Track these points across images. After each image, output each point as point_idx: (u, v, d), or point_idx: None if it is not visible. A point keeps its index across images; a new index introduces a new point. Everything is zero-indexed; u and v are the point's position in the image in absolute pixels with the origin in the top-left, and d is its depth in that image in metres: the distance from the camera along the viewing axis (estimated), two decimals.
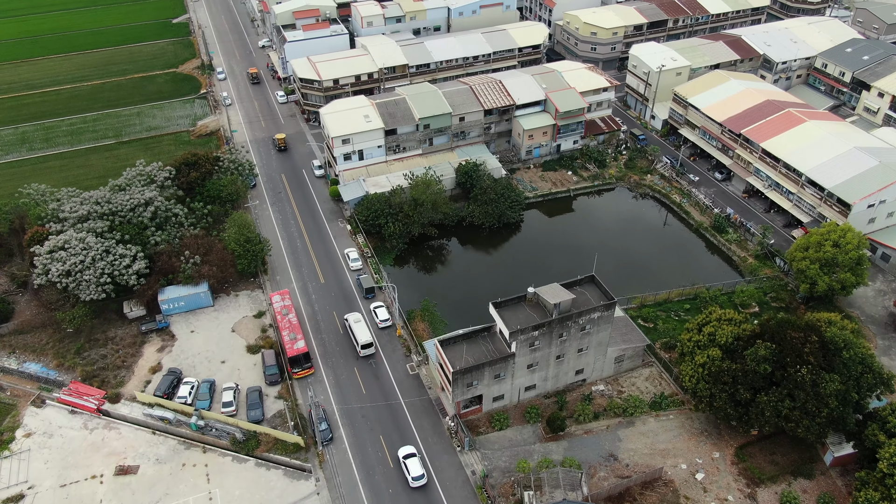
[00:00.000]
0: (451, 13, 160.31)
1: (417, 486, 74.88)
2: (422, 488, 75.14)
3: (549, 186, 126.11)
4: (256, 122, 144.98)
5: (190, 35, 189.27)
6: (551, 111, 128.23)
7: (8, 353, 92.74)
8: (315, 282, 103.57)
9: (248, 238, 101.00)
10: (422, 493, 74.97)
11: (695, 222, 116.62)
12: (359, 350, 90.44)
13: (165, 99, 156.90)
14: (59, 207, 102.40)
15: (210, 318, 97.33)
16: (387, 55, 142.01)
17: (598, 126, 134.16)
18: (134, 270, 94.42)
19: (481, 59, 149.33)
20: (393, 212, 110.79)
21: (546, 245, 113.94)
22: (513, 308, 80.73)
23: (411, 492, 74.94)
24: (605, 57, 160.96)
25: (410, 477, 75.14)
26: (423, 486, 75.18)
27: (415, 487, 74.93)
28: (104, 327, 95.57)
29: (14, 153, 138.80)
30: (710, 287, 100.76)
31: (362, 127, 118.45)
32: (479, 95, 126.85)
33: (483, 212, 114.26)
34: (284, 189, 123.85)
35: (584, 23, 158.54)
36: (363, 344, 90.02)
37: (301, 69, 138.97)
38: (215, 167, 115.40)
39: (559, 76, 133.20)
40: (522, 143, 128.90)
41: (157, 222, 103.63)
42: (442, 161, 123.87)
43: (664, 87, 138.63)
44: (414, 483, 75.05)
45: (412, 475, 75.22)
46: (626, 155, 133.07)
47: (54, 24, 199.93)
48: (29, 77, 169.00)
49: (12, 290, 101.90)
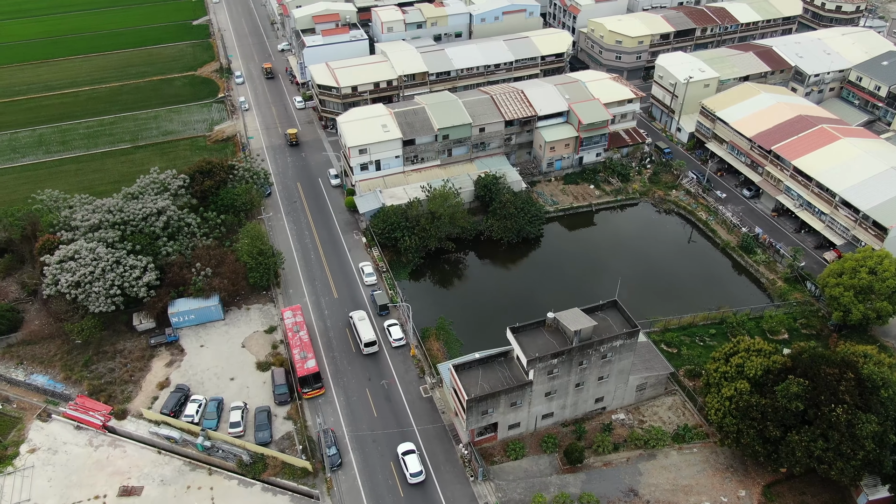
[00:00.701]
0: (473, 19, 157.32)
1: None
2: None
3: (570, 200, 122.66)
4: (273, 129, 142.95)
5: (209, 37, 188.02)
6: (574, 123, 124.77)
7: (16, 364, 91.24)
8: (328, 296, 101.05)
9: (260, 250, 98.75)
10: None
11: (721, 241, 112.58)
12: (362, 348, 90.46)
13: (183, 102, 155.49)
14: (72, 215, 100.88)
15: (220, 333, 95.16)
16: (406, 62, 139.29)
17: (622, 138, 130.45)
18: (144, 282, 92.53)
19: (503, 67, 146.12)
20: (409, 225, 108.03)
21: (566, 261, 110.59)
22: (531, 333, 77.53)
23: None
24: (629, 66, 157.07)
25: (409, 473, 75.42)
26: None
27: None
28: (113, 339, 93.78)
29: (30, 156, 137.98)
30: (738, 311, 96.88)
31: (380, 137, 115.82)
32: (500, 105, 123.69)
33: (502, 226, 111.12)
34: (300, 198, 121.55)
35: (608, 31, 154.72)
36: (366, 342, 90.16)
37: (319, 75, 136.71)
38: (230, 175, 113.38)
39: (583, 86, 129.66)
40: (544, 156, 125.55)
41: (170, 232, 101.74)
42: (461, 172, 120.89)
43: (691, 98, 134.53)
44: (412, 480, 75.07)
45: (411, 471, 75.56)
46: (651, 169, 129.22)
47: (76, 25, 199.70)
48: (49, 78, 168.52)
49: (22, 299, 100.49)
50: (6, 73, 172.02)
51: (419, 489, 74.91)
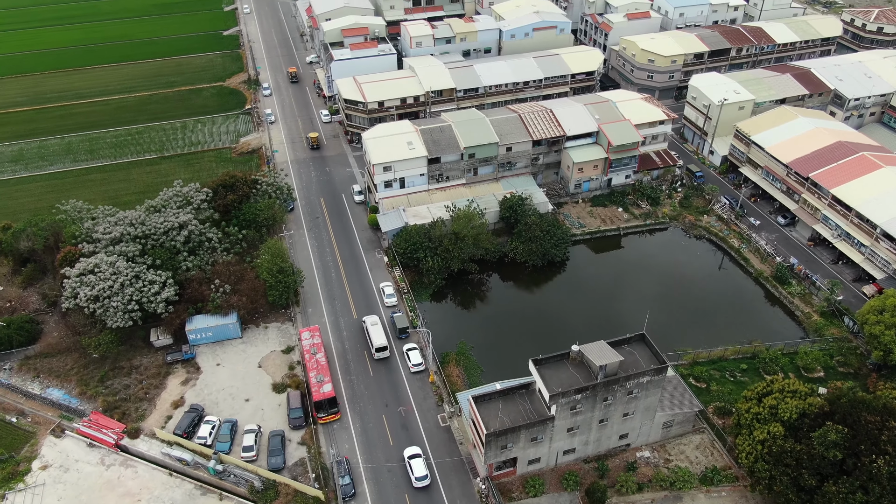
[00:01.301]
0: (503, 35, 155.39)
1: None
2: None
3: (597, 223, 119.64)
4: (299, 142, 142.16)
5: (239, 48, 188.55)
6: (603, 144, 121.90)
7: (32, 377, 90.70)
8: (347, 317, 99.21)
9: (280, 268, 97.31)
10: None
11: (754, 270, 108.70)
12: (373, 353, 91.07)
13: (210, 113, 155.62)
14: (94, 227, 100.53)
15: (237, 351, 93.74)
16: (434, 78, 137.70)
17: (652, 160, 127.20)
18: (162, 298, 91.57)
19: (532, 84, 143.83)
20: (432, 245, 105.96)
21: (592, 287, 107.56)
22: (554, 366, 74.76)
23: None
24: (662, 85, 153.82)
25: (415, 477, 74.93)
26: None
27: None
28: (130, 354, 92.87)
29: (58, 164, 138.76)
30: (771, 346, 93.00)
31: (405, 154, 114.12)
32: (528, 125, 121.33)
33: (527, 249, 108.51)
34: (322, 214, 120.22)
35: (641, 49, 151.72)
36: (378, 347, 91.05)
37: (346, 90, 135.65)
38: (253, 190, 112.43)
39: (613, 107, 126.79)
40: (571, 177, 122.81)
41: (190, 247, 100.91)
42: (486, 192, 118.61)
43: (725, 121, 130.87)
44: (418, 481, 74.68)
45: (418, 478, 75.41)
46: (682, 193, 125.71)
47: (111, 33, 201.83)
48: (80, 86, 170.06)
49: (42, 310, 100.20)
50: (41, 79, 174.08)
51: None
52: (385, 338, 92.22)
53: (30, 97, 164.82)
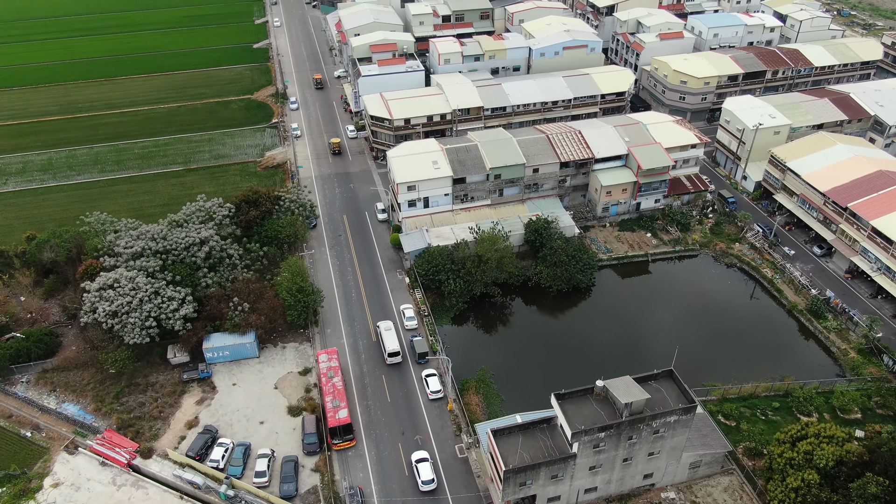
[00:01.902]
0: (532, 54, 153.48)
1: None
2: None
3: (625, 248, 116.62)
4: (324, 158, 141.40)
5: (268, 61, 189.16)
6: (633, 167, 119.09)
7: (49, 391, 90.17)
8: (366, 339, 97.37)
9: (300, 287, 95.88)
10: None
11: (788, 303, 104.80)
12: (386, 358, 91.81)
13: (237, 126, 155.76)
14: (116, 240, 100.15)
15: (254, 371, 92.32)
16: (461, 96, 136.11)
17: (683, 185, 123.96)
18: (181, 315, 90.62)
19: (561, 104, 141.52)
20: (455, 268, 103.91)
21: (618, 314, 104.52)
22: (578, 401, 71.98)
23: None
24: (694, 107, 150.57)
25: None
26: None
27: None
28: (146, 371, 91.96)
29: (86, 174, 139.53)
30: (805, 384, 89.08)
31: (430, 174, 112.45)
32: (556, 146, 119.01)
33: (551, 274, 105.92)
34: (345, 232, 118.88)
35: (673, 70, 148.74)
36: (390, 352, 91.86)
37: (373, 106, 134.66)
38: (276, 206, 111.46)
39: (644, 129, 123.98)
40: (599, 200, 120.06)
41: (211, 263, 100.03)
42: (511, 214, 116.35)
43: (760, 146, 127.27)
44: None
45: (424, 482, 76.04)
46: (713, 219, 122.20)
47: (141, 44, 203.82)
48: (111, 96, 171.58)
49: (62, 322, 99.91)
50: (73, 89, 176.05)
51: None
52: (398, 343, 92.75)
53: (61, 106, 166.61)
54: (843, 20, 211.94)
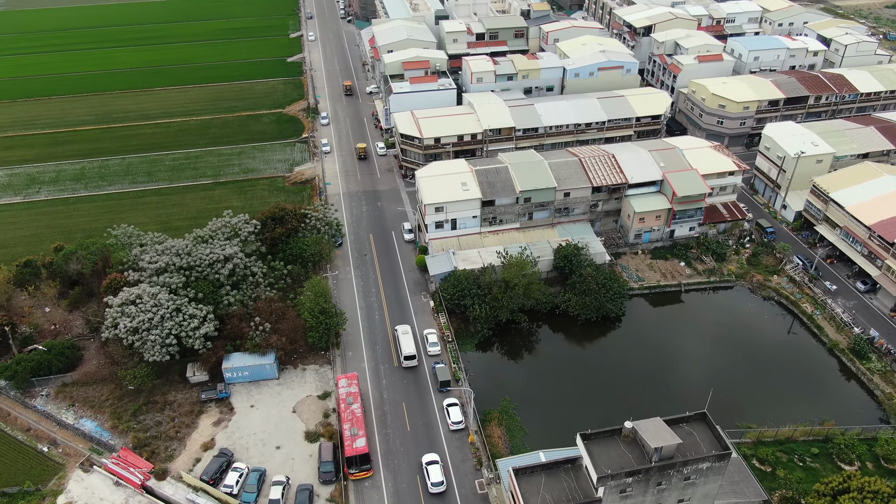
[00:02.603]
0: (567, 74, 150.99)
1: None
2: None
3: (657, 277, 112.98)
4: (352, 175, 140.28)
5: (301, 75, 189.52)
6: (668, 193, 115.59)
7: (68, 406, 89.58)
8: (388, 364, 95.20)
9: (323, 308, 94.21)
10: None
11: (828, 341, 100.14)
12: (402, 361, 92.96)
13: (267, 140, 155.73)
14: (141, 254, 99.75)
15: (273, 393, 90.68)
16: (493, 116, 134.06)
17: (719, 213, 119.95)
18: (201, 333, 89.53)
19: (594, 126, 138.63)
20: (481, 293, 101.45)
21: (649, 347, 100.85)
22: (604, 443, 68.61)
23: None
24: (732, 132, 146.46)
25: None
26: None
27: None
28: (165, 389, 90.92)
29: (117, 184, 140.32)
30: (846, 430, 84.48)
31: (458, 196, 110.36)
32: (589, 170, 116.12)
33: (580, 302, 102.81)
34: (370, 252, 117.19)
35: (712, 94, 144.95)
36: (406, 355, 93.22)
37: (403, 124, 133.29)
38: (301, 224, 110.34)
39: (680, 154, 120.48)
40: (631, 226, 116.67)
41: (234, 280, 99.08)
42: (540, 238, 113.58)
43: (801, 174, 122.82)
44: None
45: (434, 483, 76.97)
46: (750, 249, 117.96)
47: (178, 56, 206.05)
48: (146, 107, 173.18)
49: (85, 335, 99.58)
50: (109, 99, 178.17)
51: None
52: (414, 347, 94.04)
53: (97, 116, 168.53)
54: (889, 44, 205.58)
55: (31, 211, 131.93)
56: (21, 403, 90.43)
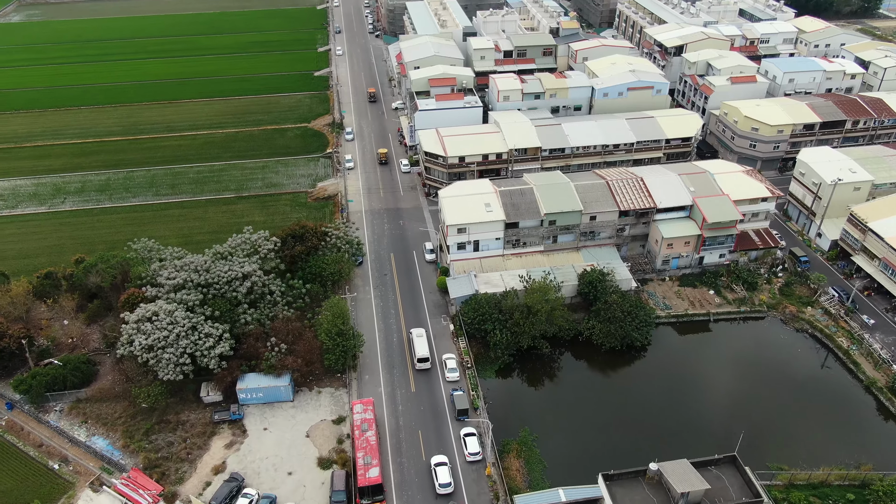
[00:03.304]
0: (595, 93, 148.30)
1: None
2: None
3: (685, 306, 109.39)
4: (375, 192, 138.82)
5: (328, 90, 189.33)
6: (697, 219, 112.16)
7: (80, 422, 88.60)
8: (405, 389, 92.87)
9: (340, 330, 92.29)
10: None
11: (866, 378, 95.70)
12: (415, 363, 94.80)
13: (291, 155, 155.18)
14: (160, 269, 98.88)
15: (286, 416, 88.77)
16: (519, 135, 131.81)
17: (751, 240, 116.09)
18: (216, 353, 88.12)
19: (622, 147, 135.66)
20: (502, 318, 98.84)
21: (675, 379, 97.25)
22: (628, 484, 65.75)
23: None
24: (765, 156, 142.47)
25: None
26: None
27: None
28: (178, 408, 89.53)
29: (141, 196, 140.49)
30: (885, 475, 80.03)
31: (481, 217, 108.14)
32: (616, 193, 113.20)
33: (605, 330, 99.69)
34: (391, 271, 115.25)
35: (744, 116, 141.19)
36: (419, 357, 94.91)
37: (427, 142, 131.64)
38: (322, 242, 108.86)
39: (711, 179, 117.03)
40: (659, 252, 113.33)
41: (252, 298, 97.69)
42: (565, 262, 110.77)
43: (838, 202, 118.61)
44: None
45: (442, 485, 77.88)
46: (783, 278, 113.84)
47: (206, 68, 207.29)
48: (172, 119, 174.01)
49: (101, 350, 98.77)
50: (136, 110, 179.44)
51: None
52: (427, 350, 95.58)
53: (124, 127, 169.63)
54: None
55: (56, 221, 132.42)
56: (35, 418, 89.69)
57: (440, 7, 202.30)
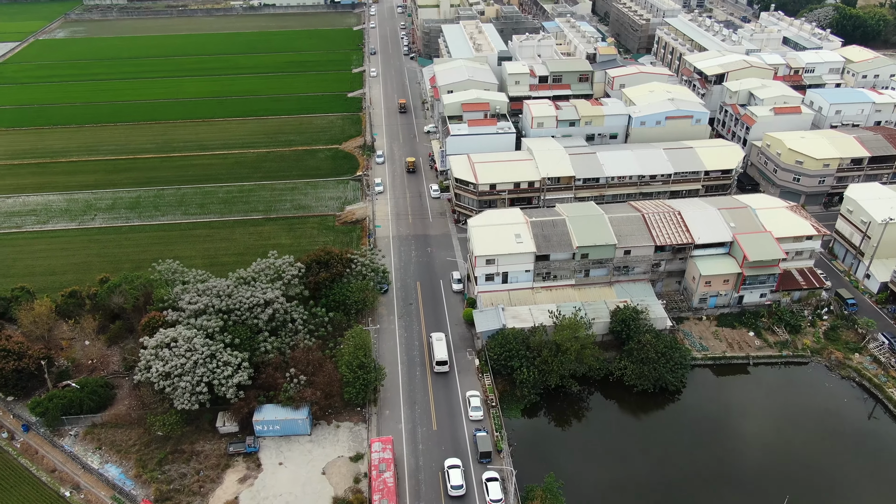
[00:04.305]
0: (632, 122, 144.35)
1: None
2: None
3: (723, 347, 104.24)
4: (404, 217, 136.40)
5: (360, 111, 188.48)
6: (738, 256, 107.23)
7: (94, 448, 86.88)
8: (426, 426, 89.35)
9: (361, 363, 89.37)
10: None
11: None
12: (434, 366, 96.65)
13: (321, 177, 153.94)
14: (182, 293, 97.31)
15: (303, 451, 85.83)
16: (552, 164, 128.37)
17: (794, 280, 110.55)
18: (234, 382, 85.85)
19: (659, 178, 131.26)
20: (530, 355, 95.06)
21: (711, 427, 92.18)
22: None
23: None
24: (809, 190, 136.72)
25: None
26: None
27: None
28: (193, 437, 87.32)
29: (170, 215, 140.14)
30: None
31: (511, 248, 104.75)
32: (652, 227, 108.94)
33: (637, 371, 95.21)
34: (416, 301, 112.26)
35: (788, 149, 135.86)
36: (438, 360, 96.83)
37: (458, 168, 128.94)
38: (347, 269, 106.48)
39: (752, 214, 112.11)
40: (696, 289, 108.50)
41: (273, 326, 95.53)
42: (596, 297, 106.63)
43: (888, 242, 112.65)
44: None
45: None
46: (828, 322, 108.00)
47: (241, 87, 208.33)
48: (205, 138, 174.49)
49: (120, 373, 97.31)
50: (170, 128, 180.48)
51: None
52: (446, 353, 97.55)
53: (157, 145, 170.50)
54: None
55: (85, 238, 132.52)
56: (50, 441, 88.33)
57: (475, 30, 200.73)
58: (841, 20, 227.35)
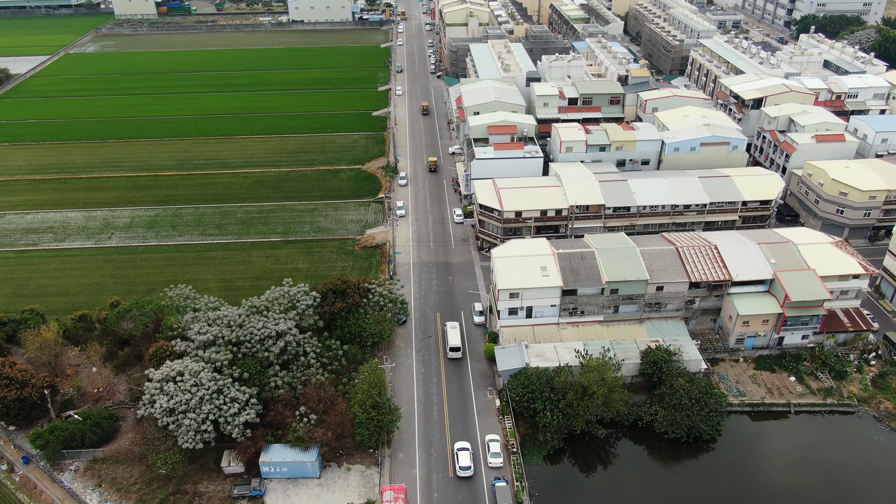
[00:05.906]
0: (665, 148, 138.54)
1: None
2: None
3: (761, 393, 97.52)
4: (425, 243, 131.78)
5: (385, 130, 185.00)
6: (778, 295, 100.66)
7: (94, 486, 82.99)
8: (443, 473, 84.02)
9: (375, 403, 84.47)
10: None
11: None
12: (448, 352, 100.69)
13: (342, 198, 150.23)
14: (191, 323, 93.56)
15: (311, 496, 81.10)
16: (581, 191, 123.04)
17: (839, 321, 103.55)
18: (241, 420, 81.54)
19: (694, 208, 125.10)
20: (554, 397, 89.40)
21: (748, 481, 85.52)
22: None
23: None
24: (853, 223, 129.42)
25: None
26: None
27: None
28: (197, 476, 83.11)
29: (187, 235, 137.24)
30: None
31: (537, 282, 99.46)
32: (686, 262, 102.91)
33: (668, 418, 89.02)
34: (436, 334, 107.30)
35: (831, 179, 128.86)
36: (451, 347, 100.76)
37: (483, 194, 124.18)
38: (364, 299, 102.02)
39: (794, 250, 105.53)
40: (733, 329, 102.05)
41: (285, 359, 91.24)
42: (626, 336, 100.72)
43: None
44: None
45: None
46: (877, 368, 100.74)
47: (265, 104, 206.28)
48: (227, 155, 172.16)
49: (126, 403, 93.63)
50: (192, 145, 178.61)
51: None
52: (460, 340, 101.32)
53: (179, 162, 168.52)
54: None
55: (100, 257, 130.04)
56: (49, 476, 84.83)
57: (504, 50, 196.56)
58: (884, 42, 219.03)
